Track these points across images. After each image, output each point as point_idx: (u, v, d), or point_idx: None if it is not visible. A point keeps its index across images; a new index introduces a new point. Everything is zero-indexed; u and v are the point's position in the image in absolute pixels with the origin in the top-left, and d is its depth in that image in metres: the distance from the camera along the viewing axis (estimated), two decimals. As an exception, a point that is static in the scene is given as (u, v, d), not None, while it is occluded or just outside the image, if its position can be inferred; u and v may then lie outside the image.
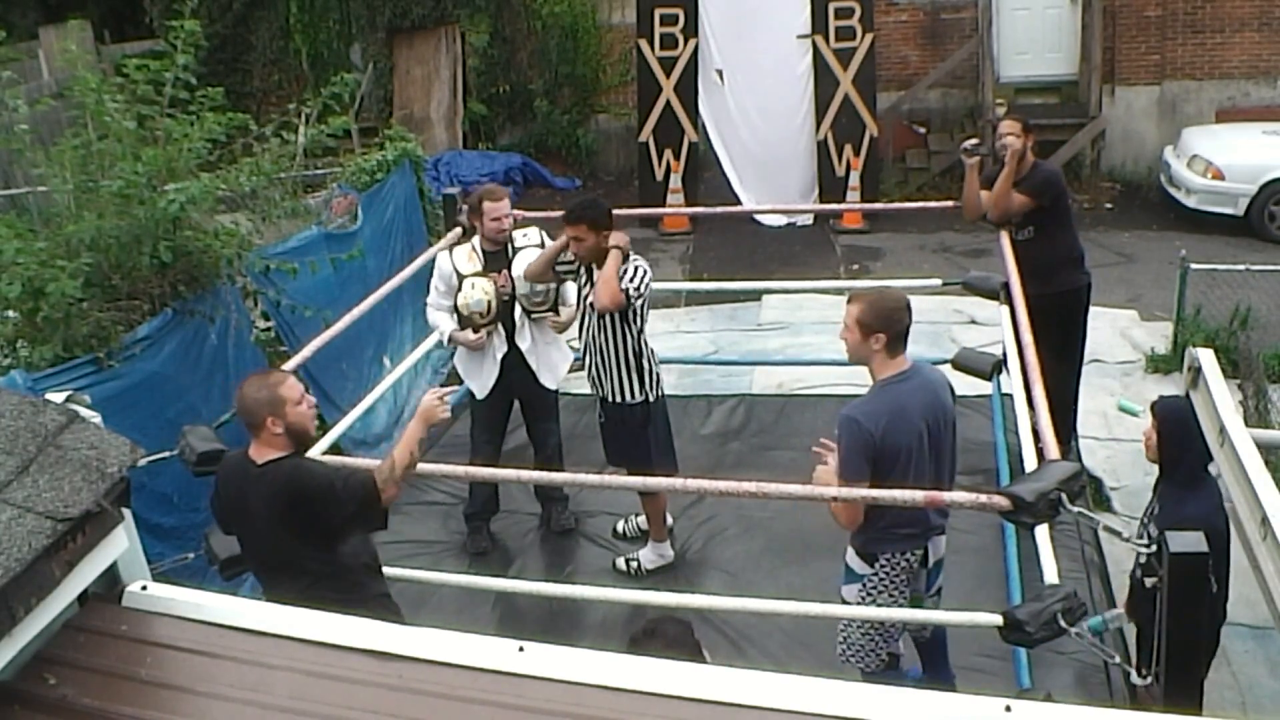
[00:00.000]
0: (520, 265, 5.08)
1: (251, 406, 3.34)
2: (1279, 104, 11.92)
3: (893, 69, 12.60)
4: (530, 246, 5.17)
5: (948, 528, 4.88)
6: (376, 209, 7.76)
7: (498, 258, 5.13)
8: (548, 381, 5.31)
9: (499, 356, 5.21)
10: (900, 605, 3.79)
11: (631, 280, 4.58)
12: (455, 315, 5.18)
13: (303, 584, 3.26)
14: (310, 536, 3.35)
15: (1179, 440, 3.87)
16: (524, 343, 5.20)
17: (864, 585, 3.76)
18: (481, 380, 5.27)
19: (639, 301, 4.65)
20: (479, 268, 5.12)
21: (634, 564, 5.08)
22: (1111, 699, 3.88)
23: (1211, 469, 3.79)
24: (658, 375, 4.87)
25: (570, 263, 4.86)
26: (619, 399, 4.81)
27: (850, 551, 3.80)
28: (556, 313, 5.23)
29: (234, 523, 3.51)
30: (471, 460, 5.26)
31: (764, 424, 6.37)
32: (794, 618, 3.99)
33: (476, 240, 5.19)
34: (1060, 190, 5.64)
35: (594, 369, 4.82)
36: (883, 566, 3.73)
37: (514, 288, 5.11)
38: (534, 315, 5.21)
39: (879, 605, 3.76)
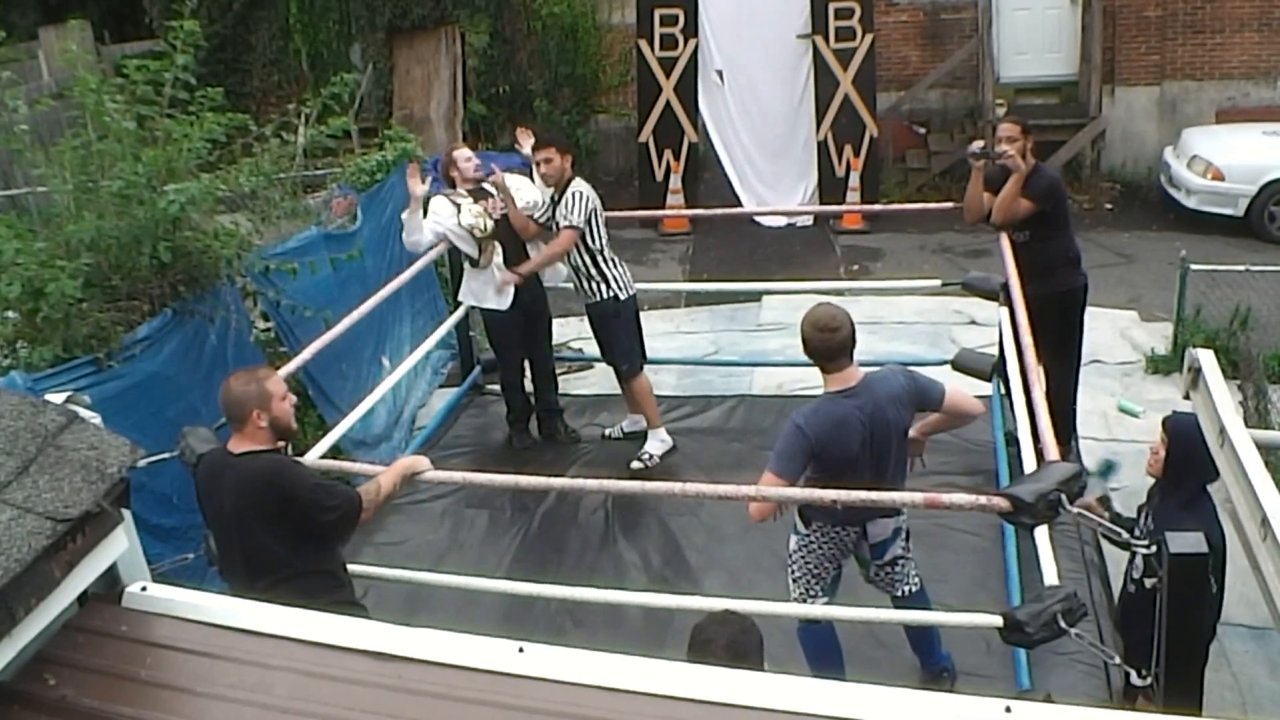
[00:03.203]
0: (511, 185, 5.87)
1: (239, 399, 3.40)
2: (1279, 104, 11.92)
3: (893, 69, 12.60)
4: (510, 169, 6.15)
5: (947, 528, 4.89)
6: (376, 209, 7.76)
7: (480, 192, 5.92)
8: (549, 280, 6.25)
9: (503, 269, 5.96)
10: (829, 568, 4.02)
11: (571, 210, 5.62)
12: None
13: (265, 581, 3.28)
14: (281, 532, 3.38)
15: (1188, 460, 3.86)
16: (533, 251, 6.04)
17: (801, 539, 4.02)
18: (496, 297, 5.97)
19: (585, 224, 5.66)
20: (469, 199, 5.89)
21: (646, 457, 5.95)
22: (1111, 699, 3.88)
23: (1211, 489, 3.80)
24: (621, 279, 5.85)
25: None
26: (591, 298, 5.85)
27: (795, 508, 3.99)
28: (556, 227, 5.86)
29: (208, 515, 3.58)
30: (503, 375, 6.38)
31: (764, 424, 6.36)
32: (794, 618, 3.99)
33: (459, 187, 5.96)
34: (1061, 194, 5.71)
35: (574, 279, 5.90)
36: (815, 531, 3.96)
37: (506, 202, 5.83)
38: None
39: (808, 563, 4.01)
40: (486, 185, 5.91)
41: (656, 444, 6.00)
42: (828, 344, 3.73)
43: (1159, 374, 7.93)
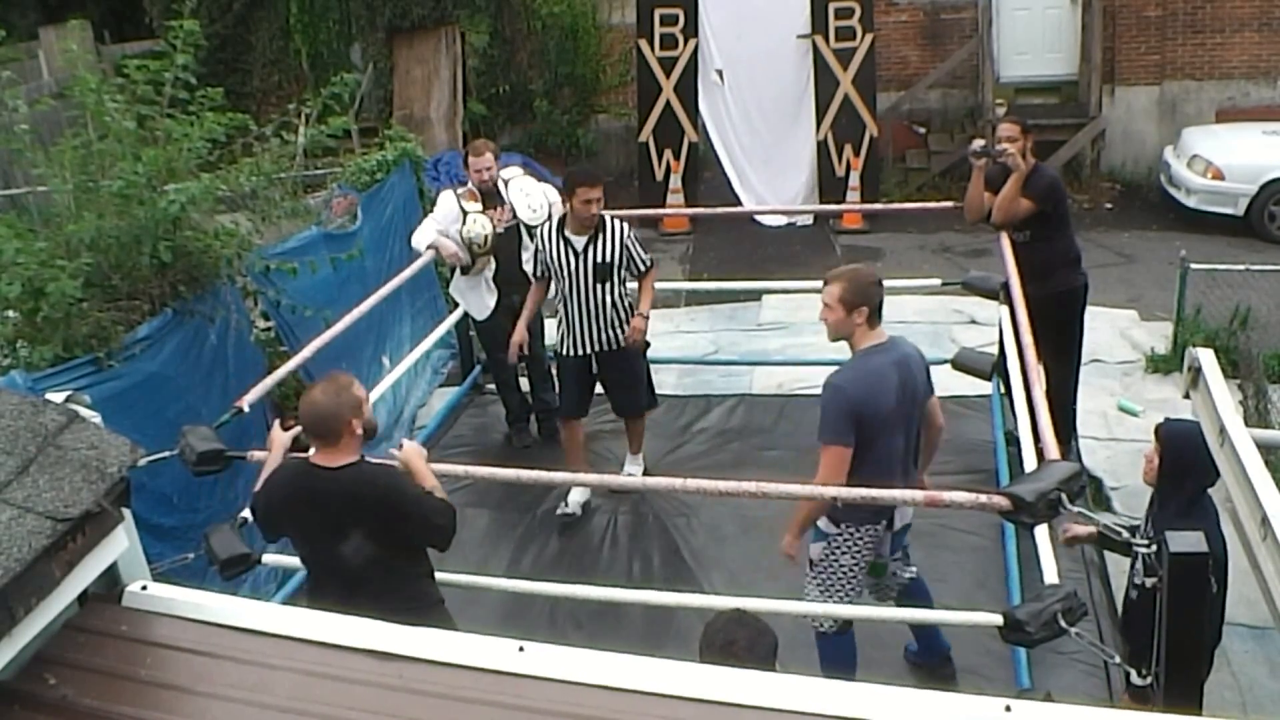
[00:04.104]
0: (516, 194, 5.92)
1: (334, 412, 3.28)
2: (1279, 104, 11.92)
3: (893, 69, 12.59)
4: (516, 177, 6.08)
5: (947, 528, 4.89)
6: (376, 209, 7.76)
7: (491, 197, 5.95)
8: None
9: (491, 281, 6.10)
10: (861, 567, 3.95)
11: (640, 248, 5.38)
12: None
13: (368, 594, 3.14)
14: (394, 545, 3.34)
15: (1181, 467, 3.85)
16: (527, 258, 5.94)
17: (829, 543, 3.92)
18: (482, 303, 6.12)
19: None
20: (479, 206, 5.92)
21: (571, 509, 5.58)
22: (1111, 699, 3.88)
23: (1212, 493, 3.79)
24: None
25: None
26: (617, 340, 5.43)
27: (823, 520, 3.93)
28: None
29: (298, 533, 3.49)
30: (496, 375, 6.43)
31: (763, 424, 6.37)
32: (794, 617, 3.99)
33: (471, 185, 5.99)
34: (1061, 195, 5.73)
35: (602, 321, 5.38)
36: (848, 527, 3.89)
37: (515, 213, 5.89)
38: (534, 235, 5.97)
39: (840, 564, 3.92)
40: (502, 190, 5.95)
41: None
42: (879, 297, 3.87)
43: (1159, 373, 7.92)
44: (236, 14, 13.60)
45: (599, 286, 5.27)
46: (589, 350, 5.40)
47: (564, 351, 5.46)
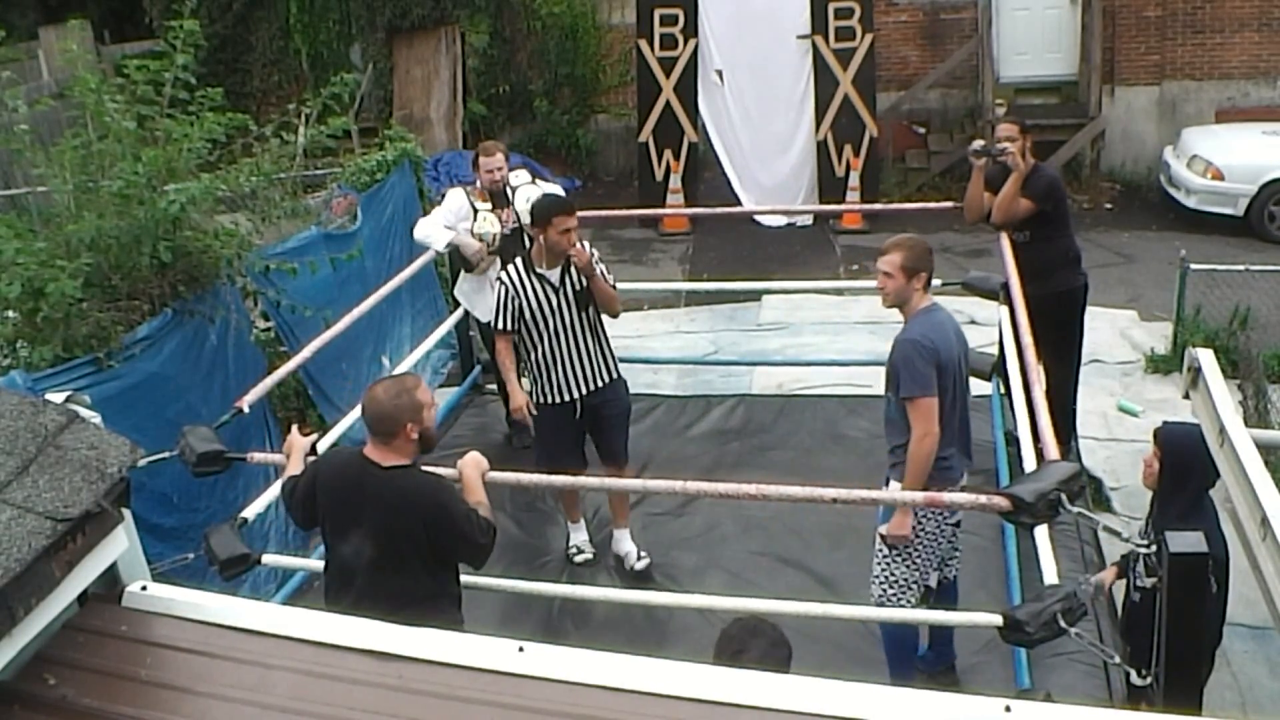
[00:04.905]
0: (521, 200, 5.85)
1: (392, 413, 3.22)
2: (1279, 104, 11.92)
3: (893, 69, 12.59)
4: (524, 184, 6.06)
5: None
6: (376, 209, 7.76)
7: (500, 198, 5.97)
8: None
9: (496, 282, 5.78)
10: (944, 531, 4.04)
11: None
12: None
13: (390, 603, 2.99)
14: (428, 556, 3.27)
15: (1181, 470, 3.85)
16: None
17: (916, 515, 3.95)
18: (486, 304, 5.83)
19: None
20: (489, 206, 5.95)
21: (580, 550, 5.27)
22: (1111, 699, 3.88)
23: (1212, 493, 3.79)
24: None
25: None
26: (615, 382, 5.08)
27: (894, 485, 3.99)
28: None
29: (332, 520, 3.38)
30: (496, 376, 6.01)
31: (763, 424, 6.37)
32: (794, 617, 3.98)
33: (481, 186, 6.00)
34: (1061, 195, 5.72)
35: (595, 361, 4.96)
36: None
37: (519, 219, 5.86)
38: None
39: (927, 532, 3.98)
40: (510, 194, 5.98)
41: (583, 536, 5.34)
42: (933, 264, 4.07)
43: (1159, 374, 7.93)
44: (236, 14, 13.60)
45: (581, 316, 4.88)
46: (576, 394, 4.93)
47: (546, 400, 4.95)
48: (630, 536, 5.19)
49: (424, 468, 3.35)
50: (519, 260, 4.90)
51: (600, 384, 4.98)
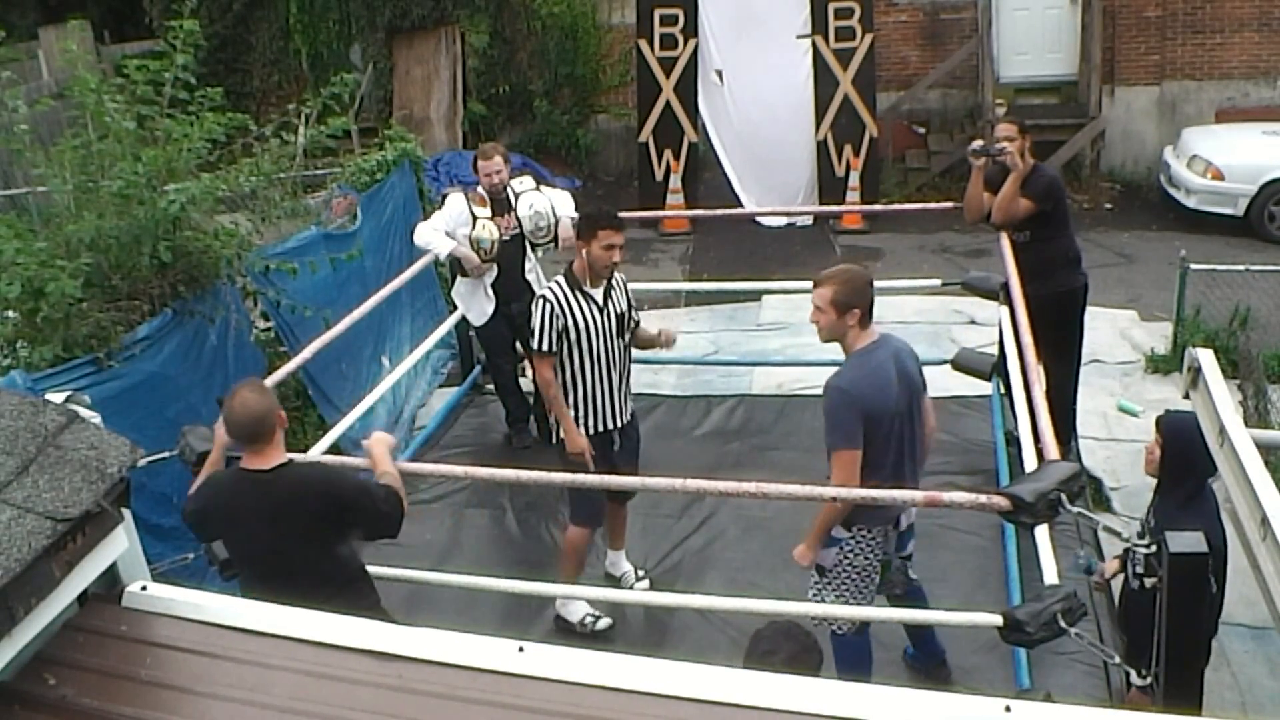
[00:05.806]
0: (524, 207, 5.91)
1: (267, 412, 3.30)
2: (1279, 104, 11.92)
3: (893, 69, 12.59)
4: (528, 190, 6.02)
5: (947, 528, 4.89)
6: (376, 209, 7.76)
7: (501, 204, 5.96)
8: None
9: (490, 288, 6.06)
10: (875, 568, 3.92)
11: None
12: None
13: (322, 593, 3.07)
14: (337, 540, 3.33)
15: (1183, 459, 3.86)
16: (530, 268, 6.11)
17: (841, 548, 3.89)
18: (480, 309, 6.12)
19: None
20: (488, 212, 5.93)
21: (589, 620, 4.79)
22: (1111, 699, 3.88)
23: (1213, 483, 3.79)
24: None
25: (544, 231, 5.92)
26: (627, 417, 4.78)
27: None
28: (556, 242, 6.00)
29: (224, 531, 3.49)
30: (495, 377, 6.42)
31: (763, 424, 6.37)
32: (794, 618, 3.99)
33: (481, 190, 5.99)
34: (1061, 194, 5.72)
35: (620, 395, 4.66)
36: (860, 530, 3.86)
37: (521, 225, 5.93)
38: (538, 245, 6.10)
39: (855, 567, 3.89)
40: (512, 200, 5.97)
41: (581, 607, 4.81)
42: (871, 298, 3.86)
43: (1159, 374, 7.92)
44: (236, 14, 13.60)
45: (619, 342, 4.57)
46: (614, 424, 4.60)
47: (586, 431, 4.55)
48: (625, 557, 5.06)
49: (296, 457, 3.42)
50: (561, 277, 4.55)
51: (631, 415, 4.75)
